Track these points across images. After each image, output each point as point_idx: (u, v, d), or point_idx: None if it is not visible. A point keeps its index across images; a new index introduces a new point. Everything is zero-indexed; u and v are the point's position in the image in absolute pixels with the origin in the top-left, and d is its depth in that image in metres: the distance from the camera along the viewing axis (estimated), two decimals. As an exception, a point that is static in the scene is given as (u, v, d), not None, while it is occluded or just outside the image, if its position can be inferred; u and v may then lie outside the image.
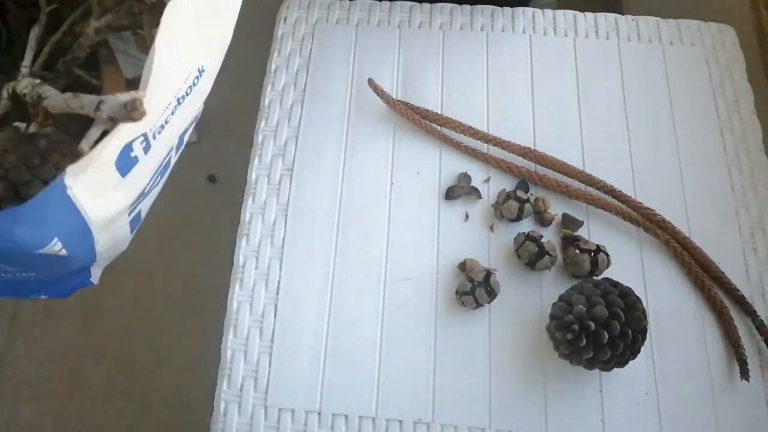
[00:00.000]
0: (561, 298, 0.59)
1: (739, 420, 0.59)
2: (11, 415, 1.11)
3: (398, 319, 0.62)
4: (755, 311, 0.62)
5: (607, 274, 0.63)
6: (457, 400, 0.59)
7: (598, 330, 0.55)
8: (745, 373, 0.59)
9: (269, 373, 0.60)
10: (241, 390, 0.60)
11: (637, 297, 0.58)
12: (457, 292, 0.62)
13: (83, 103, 0.36)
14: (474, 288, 0.61)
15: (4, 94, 0.42)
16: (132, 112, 0.34)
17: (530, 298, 0.63)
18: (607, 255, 0.63)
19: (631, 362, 0.57)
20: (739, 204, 0.68)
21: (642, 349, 0.57)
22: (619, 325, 0.55)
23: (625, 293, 0.58)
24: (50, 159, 0.39)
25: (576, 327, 0.56)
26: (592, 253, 0.62)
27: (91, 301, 1.19)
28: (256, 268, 0.65)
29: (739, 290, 0.63)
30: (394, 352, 0.61)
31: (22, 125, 0.41)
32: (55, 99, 0.38)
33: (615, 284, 0.59)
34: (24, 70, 0.44)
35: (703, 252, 0.65)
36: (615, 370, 0.58)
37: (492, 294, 0.61)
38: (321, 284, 0.64)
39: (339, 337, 0.62)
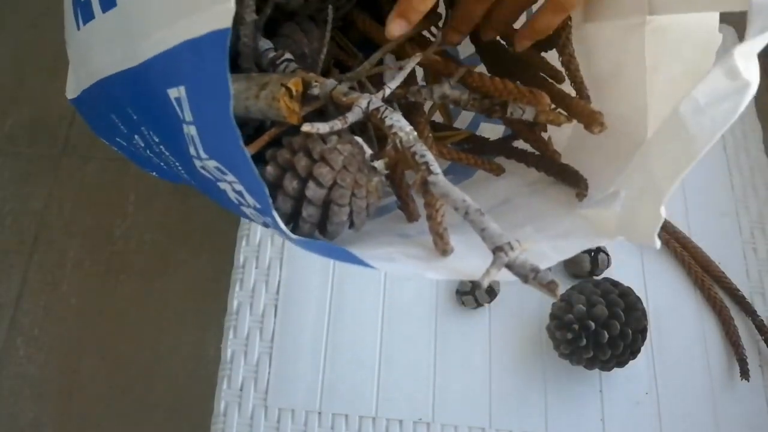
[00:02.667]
0: (561, 297, 0.59)
1: (739, 420, 0.59)
2: (11, 415, 1.11)
3: (398, 319, 0.62)
4: (755, 311, 0.62)
5: (607, 274, 0.63)
6: (457, 400, 0.59)
7: (598, 330, 0.55)
8: (745, 373, 0.59)
9: (269, 373, 0.60)
10: (241, 390, 0.60)
11: (637, 297, 0.58)
12: (457, 292, 0.62)
13: (488, 233, 0.31)
14: (474, 288, 0.61)
15: (362, 104, 0.37)
16: (550, 291, 0.29)
17: (530, 298, 0.63)
18: (607, 255, 0.63)
19: (631, 362, 0.57)
20: (739, 204, 0.68)
21: (642, 349, 0.57)
22: (619, 325, 0.55)
23: (625, 293, 0.58)
24: (369, 199, 0.37)
25: (576, 327, 0.56)
26: (592, 253, 0.62)
27: (91, 301, 1.19)
28: (256, 268, 0.65)
29: (739, 290, 0.63)
30: (394, 352, 0.61)
31: (367, 149, 0.38)
32: (441, 185, 0.34)
33: (615, 284, 0.59)
34: (387, 90, 0.39)
35: (703, 252, 0.65)
36: (615, 370, 0.58)
37: (492, 294, 0.61)
38: (321, 284, 0.64)
39: (339, 337, 0.62)
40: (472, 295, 0.61)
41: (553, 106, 0.41)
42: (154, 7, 0.30)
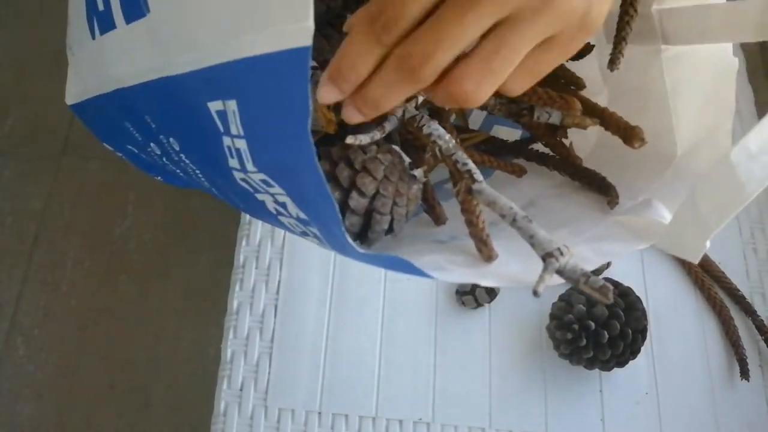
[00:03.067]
0: (561, 297, 0.59)
1: (739, 420, 0.59)
2: (11, 415, 1.11)
3: (398, 319, 0.62)
4: (755, 311, 0.62)
5: (607, 274, 0.63)
6: (457, 400, 0.59)
7: (598, 330, 0.55)
8: (745, 373, 0.59)
9: (269, 373, 0.60)
10: (241, 390, 0.60)
11: (637, 297, 0.58)
12: (457, 292, 0.62)
13: (537, 239, 0.31)
14: (474, 288, 0.61)
15: (398, 112, 0.37)
16: (602, 295, 0.29)
17: (530, 298, 0.63)
18: (607, 255, 0.63)
19: (631, 362, 0.57)
20: (739, 204, 0.68)
21: (642, 349, 0.57)
22: (619, 325, 0.55)
23: (625, 293, 0.58)
24: (409, 207, 0.37)
25: (576, 327, 0.56)
26: (592, 253, 0.62)
27: (91, 301, 1.19)
28: (256, 268, 0.65)
29: (739, 290, 0.63)
30: (394, 352, 0.61)
31: (406, 158, 0.38)
32: (487, 192, 0.33)
33: (615, 284, 0.59)
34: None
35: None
36: (615, 370, 0.58)
37: (492, 294, 0.61)
38: (321, 284, 0.64)
39: (339, 337, 0.62)
40: (472, 295, 0.61)
41: (591, 118, 0.41)
42: (199, 20, 0.29)
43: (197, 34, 0.29)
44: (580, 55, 0.45)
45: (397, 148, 0.38)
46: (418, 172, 0.37)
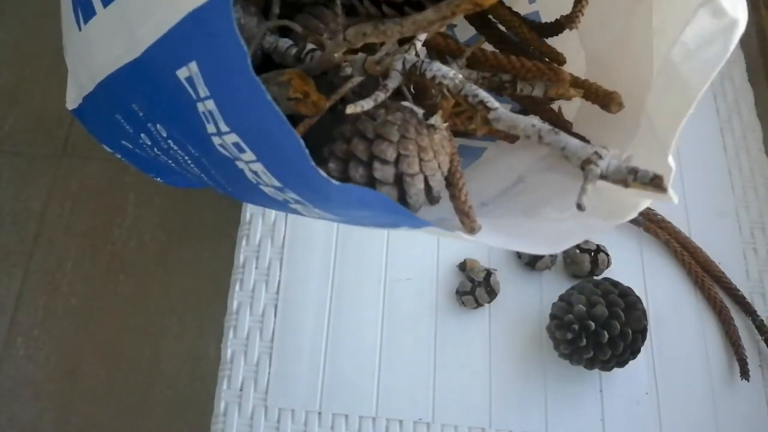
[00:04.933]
0: (561, 297, 0.59)
1: (739, 420, 0.59)
2: (11, 415, 1.11)
3: (398, 319, 0.62)
4: (755, 311, 0.62)
5: (607, 274, 0.63)
6: (457, 400, 0.59)
7: (598, 330, 0.55)
8: (745, 373, 0.59)
9: (269, 373, 0.60)
10: (241, 390, 0.60)
11: (637, 297, 0.58)
12: (457, 292, 0.62)
13: (570, 149, 0.29)
14: (474, 288, 0.61)
15: (398, 66, 0.35)
16: (656, 187, 0.27)
17: (530, 298, 0.63)
18: (607, 255, 0.63)
19: (631, 362, 0.57)
20: (739, 204, 0.68)
21: (642, 349, 0.57)
22: (619, 325, 0.55)
23: (625, 293, 0.58)
24: (439, 158, 0.36)
25: (576, 327, 0.56)
26: (592, 253, 0.62)
27: (91, 301, 1.19)
28: (256, 268, 0.65)
29: (739, 290, 0.63)
30: (394, 352, 0.61)
31: (418, 110, 0.36)
32: (504, 116, 0.32)
33: (615, 284, 0.59)
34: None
35: (703, 252, 0.65)
36: (615, 370, 0.58)
37: (492, 294, 0.61)
38: (321, 284, 0.64)
39: (339, 337, 0.62)
40: (472, 295, 0.61)
41: (574, 87, 0.41)
42: None
43: (150, 4, 0.30)
44: (558, 30, 0.44)
45: (406, 103, 0.36)
46: (435, 119, 0.35)
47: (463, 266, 0.64)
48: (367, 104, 0.33)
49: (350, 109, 0.32)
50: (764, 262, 0.66)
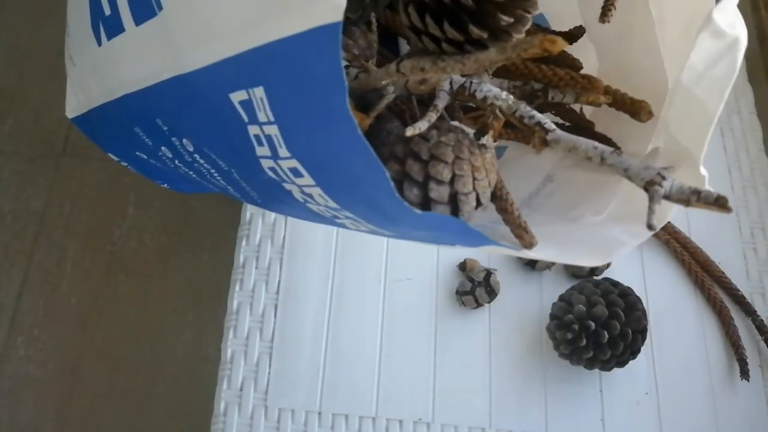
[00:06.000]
0: (561, 297, 0.59)
1: (739, 420, 0.59)
2: (11, 415, 1.11)
3: (398, 319, 0.62)
4: (755, 311, 0.62)
5: (607, 274, 0.63)
6: (457, 400, 0.59)
7: (598, 330, 0.55)
8: (745, 373, 0.59)
9: (269, 373, 0.60)
10: (241, 390, 0.60)
11: (637, 297, 0.58)
12: (457, 292, 0.62)
13: (633, 170, 0.30)
14: (474, 288, 0.61)
15: (445, 86, 0.36)
16: (720, 207, 0.27)
17: (530, 298, 0.63)
18: (607, 255, 0.63)
19: (631, 362, 0.57)
20: (739, 204, 0.68)
21: (642, 349, 0.57)
22: (619, 325, 0.55)
23: (625, 293, 0.58)
24: (489, 176, 0.36)
25: (576, 327, 0.56)
26: (592, 253, 0.62)
27: (91, 301, 1.19)
28: (256, 268, 0.65)
29: (739, 290, 0.63)
30: (394, 352, 0.61)
31: (468, 130, 0.36)
32: (564, 138, 0.32)
33: (615, 284, 0.59)
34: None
35: (703, 252, 0.65)
36: (615, 370, 0.58)
37: (492, 294, 0.61)
38: (321, 284, 0.64)
39: (339, 337, 0.62)
40: (472, 295, 0.61)
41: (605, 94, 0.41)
42: (216, 12, 0.28)
43: (215, 26, 0.29)
44: (572, 38, 0.44)
45: (456, 123, 0.36)
46: (486, 140, 0.36)
47: (463, 266, 0.64)
48: (423, 126, 0.33)
49: (410, 132, 0.32)
50: (764, 262, 0.66)
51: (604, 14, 0.40)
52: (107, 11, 0.36)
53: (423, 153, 0.35)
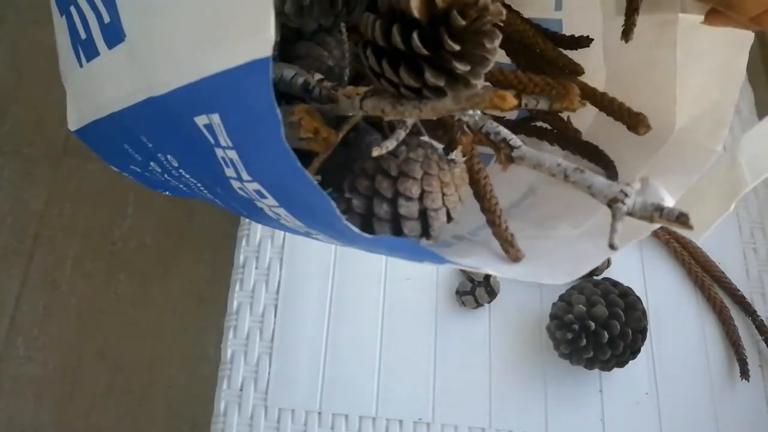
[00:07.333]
0: (561, 297, 0.59)
1: (739, 420, 0.59)
2: (11, 415, 1.11)
3: (398, 319, 0.62)
4: (755, 311, 0.62)
5: (607, 274, 0.63)
6: (457, 400, 0.59)
7: (598, 330, 0.55)
8: (745, 373, 0.59)
9: (269, 373, 0.60)
10: (241, 390, 0.60)
11: (637, 297, 0.58)
12: (457, 292, 0.62)
13: (596, 188, 0.30)
14: (474, 288, 0.61)
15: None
16: (682, 225, 0.27)
17: (530, 298, 0.63)
18: (607, 255, 0.63)
19: (631, 362, 0.57)
20: (739, 204, 0.68)
21: (642, 349, 0.57)
22: (619, 325, 0.55)
23: (625, 293, 0.58)
24: (459, 191, 0.37)
25: (576, 327, 0.56)
26: (592, 253, 0.62)
27: (91, 301, 1.19)
28: (256, 268, 0.65)
29: (739, 290, 0.63)
30: (394, 352, 0.61)
31: (437, 145, 0.37)
32: (529, 155, 0.33)
33: (615, 284, 0.59)
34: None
35: (703, 252, 0.65)
36: (615, 370, 0.58)
37: (492, 294, 0.61)
38: (321, 284, 0.64)
39: (339, 337, 0.62)
40: (472, 295, 0.61)
41: (581, 99, 0.41)
42: (171, 41, 0.29)
43: (170, 54, 0.29)
44: (578, 45, 0.45)
45: (425, 138, 0.37)
46: (455, 155, 0.36)
47: (463, 266, 0.64)
48: (390, 145, 0.33)
49: (376, 152, 0.33)
50: (764, 262, 0.66)
51: (626, 33, 0.40)
52: (83, 35, 0.36)
53: (392, 169, 0.35)
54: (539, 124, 0.48)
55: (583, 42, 0.45)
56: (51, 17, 0.42)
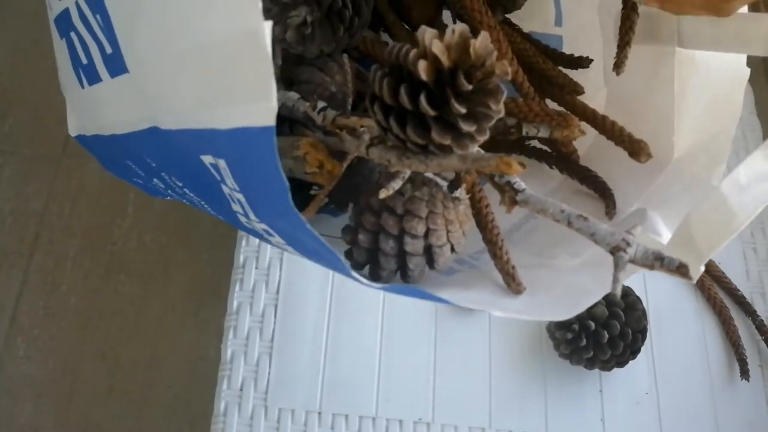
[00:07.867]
0: (561, 298, 0.59)
1: (739, 420, 0.59)
2: (11, 415, 1.11)
3: (398, 319, 0.62)
4: (755, 311, 0.62)
5: (607, 274, 0.63)
6: (457, 400, 0.59)
7: (598, 330, 0.55)
8: (745, 373, 0.59)
9: (269, 373, 0.60)
10: (241, 390, 0.60)
11: (637, 297, 0.58)
12: (457, 292, 0.62)
13: (599, 235, 0.30)
14: (474, 288, 0.61)
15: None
16: (682, 275, 0.28)
17: (530, 298, 0.63)
18: (607, 255, 0.63)
19: (631, 362, 0.57)
20: (739, 204, 0.68)
21: (642, 349, 0.57)
22: (619, 325, 0.55)
23: (625, 293, 0.58)
24: (463, 227, 0.37)
25: (576, 327, 0.56)
26: (592, 253, 0.62)
27: (91, 301, 1.19)
28: (256, 268, 0.65)
29: (739, 290, 0.63)
30: (394, 352, 0.61)
31: (442, 182, 0.37)
32: (533, 199, 0.33)
33: (615, 284, 0.59)
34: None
35: (703, 252, 0.65)
36: (615, 370, 0.58)
37: (492, 294, 0.61)
38: (321, 284, 0.64)
39: (339, 337, 0.62)
40: (472, 295, 0.61)
41: (581, 127, 0.41)
42: (174, 93, 0.29)
43: (174, 104, 0.29)
44: (577, 65, 0.45)
45: (430, 175, 0.37)
46: (459, 193, 0.36)
47: (463, 266, 0.64)
48: (396, 185, 0.34)
49: (383, 194, 0.33)
50: (764, 262, 0.66)
51: (618, 66, 0.40)
52: (84, 60, 0.35)
53: (398, 207, 0.35)
54: (539, 145, 0.48)
55: (584, 62, 0.45)
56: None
